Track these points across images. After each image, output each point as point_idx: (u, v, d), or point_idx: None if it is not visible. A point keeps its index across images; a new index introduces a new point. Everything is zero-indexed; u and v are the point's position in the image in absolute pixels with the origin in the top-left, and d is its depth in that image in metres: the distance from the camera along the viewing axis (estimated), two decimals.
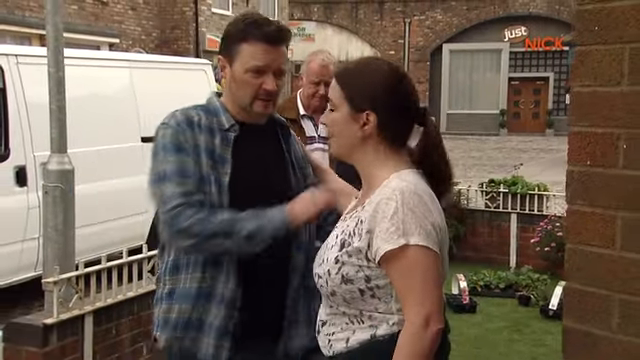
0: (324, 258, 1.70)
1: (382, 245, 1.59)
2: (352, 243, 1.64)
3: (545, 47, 28.08)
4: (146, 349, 4.17)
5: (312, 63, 3.68)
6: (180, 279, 2.07)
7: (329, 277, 1.66)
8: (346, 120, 1.70)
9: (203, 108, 2.12)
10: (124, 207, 6.46)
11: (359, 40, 29.56)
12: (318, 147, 3.71)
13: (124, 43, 18.42)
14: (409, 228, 1.57)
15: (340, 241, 1.68)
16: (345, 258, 1.64)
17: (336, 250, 1.67)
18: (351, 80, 1.72)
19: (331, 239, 1.74)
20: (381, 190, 1.65)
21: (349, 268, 1.63)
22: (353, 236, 1.65)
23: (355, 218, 1.69)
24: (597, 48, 1.56)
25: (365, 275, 1.63)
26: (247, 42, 2.02)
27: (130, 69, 6.83)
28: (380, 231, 1.60)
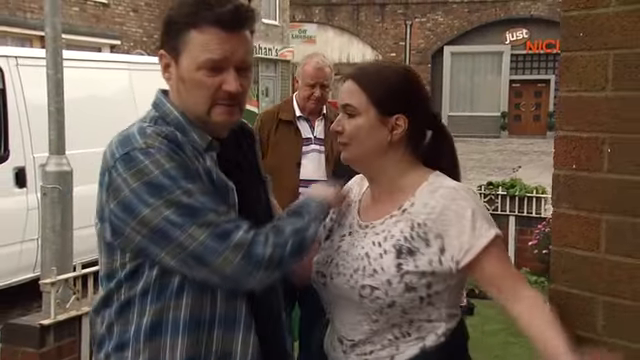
0: (374, 268, 1.58)
1: (476, 242, 1.55)
2: (417, 249, 1.57)
3: (546, 49, 28.09)
4: None
5: (307, 66, 3.72)
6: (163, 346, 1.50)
7: (390, 287, 1.56)
8: (373, 125, 1.63)
9: (164, 122, 1.59)
10: None
11: (360, 42, 29.60)
12: (314, 148, 3.74)
13: (125, 45, 18.48)
14: (490, 219, 1.60)
15: (394, 248, 1.59)
16: (408, 265, 1.57)
17: (392, 258, 1.58)
18: (376, 84, 1.64)
19: (367, 248, 1.62)
20: (435, 191, 1.61)
21: (412, 276, 1.56)
22: (412, 241, 1.58)
23: (401, 223, 1.61)
24: (582, 54, 1.58)
25: (427, 281, 1.57)
26: (196, 29, 1.54)
27: (129, 71, 6.87)
28: (464, 231, 1.56)
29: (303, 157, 3.70)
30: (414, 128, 1.66)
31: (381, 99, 1.62)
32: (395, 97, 1.64)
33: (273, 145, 3.71)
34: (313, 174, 3.70)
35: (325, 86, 3.71)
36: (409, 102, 1.65)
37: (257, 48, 22.67)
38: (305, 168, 3.70)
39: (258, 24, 20.88)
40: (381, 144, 1.64)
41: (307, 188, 3.67)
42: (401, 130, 1.64)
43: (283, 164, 3.68)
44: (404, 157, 1.68)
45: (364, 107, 1.62)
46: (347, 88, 1.66)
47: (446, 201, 1.58)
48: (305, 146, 3.73)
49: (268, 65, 23.75)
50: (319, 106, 3.77)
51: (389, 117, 1.63)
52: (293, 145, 3.71)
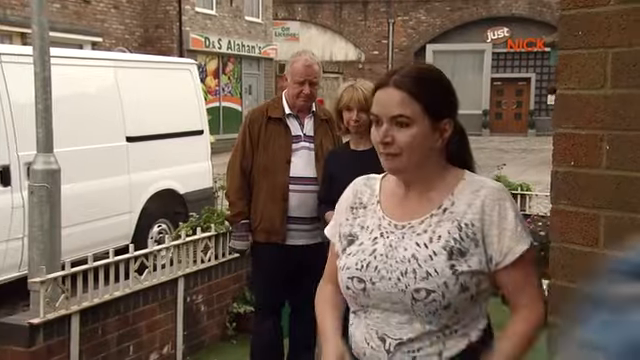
0: (427, 271, 1.56)
1: (516, 246, 1.57)
2: (467, 249, 1.57)
3: (527, 48, 28.29)
4: (132, 349, 4.18)
5: (296, 63, 3.71)
6: None
7: (446, 289, 1.54)
8: (427, 133, 1.60)
9: None
10: (109, 207, 6.44)
11: (343, 40, 29.60)
12: (304, 146, 3.75)
13: (107, 42, 18.31)
14: (526, 226, 1.61)
15: (444, 250, 1.57)
16: (461, 266, 1.56)
17: (444, 260, 1.56)
18: (426, 91, 1.61)
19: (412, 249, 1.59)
20: (474, 191, 1.61)
21: (466, 276, 1.56)
22: (462, 241, 1.58)
23: (446, 223, 1.60)
24: (581, 52, 1.60)
25: (477, 280, 1.58)
26: None
27: (115, 68, 6.80)
28: (504, 233, 1.57)
29: (293, 154, 3.70)
30: (455, 129, 1.67)
31: (434, 106, 1.61)
32: (444, 102, 1.65)
33: (263, 143, 3.71)
34: (303, 171, 3.71)
35: (314, 83, 3.71)
36: (452, 104, 1.67)
37: (240, 46, 22.60)
38: (295, 165, 3.70)
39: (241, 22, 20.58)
40: (432, 150, 1.63)
41: (297, 185, 3.70)
42: (448, 133, 1.64)
43: (273, 162, 3.69)
44: (442, 157, 1.68)
45: (418, 116, 1.59)
46: (396, 98, 1.59)
47: (491, 201, 1.59)
48: (295, 143, 3.73)
49: (251, 63, 23.66)
50: (308, 103, 3.77)
51: (439, 122, 1.62)
52: (283, 143, 3.71)
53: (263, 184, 3.69)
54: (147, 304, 4.26)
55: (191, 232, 4.74)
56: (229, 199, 3.81)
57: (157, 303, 4.34)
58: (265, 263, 3.80)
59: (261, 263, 3.84)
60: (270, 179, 3.68)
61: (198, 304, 4.71)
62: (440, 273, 1.55)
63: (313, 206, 3.68)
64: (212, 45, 21.25)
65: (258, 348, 3.91)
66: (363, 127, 3.44)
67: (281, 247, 3.70)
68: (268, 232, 3.70)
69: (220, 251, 4.84)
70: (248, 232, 3.76)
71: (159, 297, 4.36)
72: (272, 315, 3.84)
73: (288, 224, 3.69)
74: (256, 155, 3.71)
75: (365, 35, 29.49)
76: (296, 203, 3.68)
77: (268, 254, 3.75)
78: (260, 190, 3.70)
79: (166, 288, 4.41)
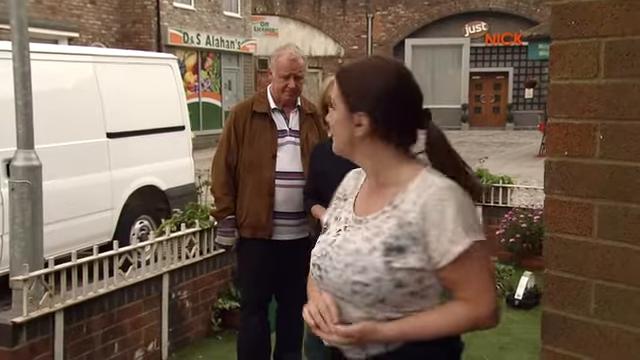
0: (364, 265, 1.61)
1: (452, 247, 1.58)
2: (406, 247, 1.60)
3: (505, 42, 28.49)
4: (117, 346, 4.14)
5: (281, 57, 3.69)
6: None
7: (380, 284, 1.59)
8: (342, 119, 1.69)
9: None
10: (90, 204, 6.37)
11: (322, 35, 29.57)
12: (289, 140, 3.73)
13: (83, 37, 18.10)
14: (471, 225, 1.60)
15: (383, 245, 1.61)
16: (397, 263, 1.59)
17: (380, 255, 1.60)
18: (350, 80, 1.69)
19: (358, 244, 1.65)
20: (421, 188, 1.62)
21: (404, 273, 1.59)
22: (401, 239, 1.60)
23: (392, 219, 1.63)
24: (574, 42, 1.60)
25: (418, 277, 1.61)
26: None
27: (94, 64, 6.72)
28: (442, 233, 1.58)
29: (279, 149, 3.68)
30: (383, 128, 1.66)
31: (348, 95, 1.68)
32: (360, 95, 1.66)
33: (248, 138, 3.69)
34: (289, 166, 3.69)
35: (299, 77, 3.69)
36: (373, 102, 1.66)
37: (219, 41, 22.46)
38: (281, 160, 3.68)
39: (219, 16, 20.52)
40: (351, 138, 1.69)
41: (283, 180, 3.68)
42: (364, 128, 1.66)
43: (259, 157, 3.67)
44: (389, 154, 1.69)
45: (336, 101, 1.71)
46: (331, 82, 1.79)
47: (433, 201, 1.60)
48: (280, 138, 3.71)
49: (230, 58, 23.53)
50: (293, 97, 3.75)
51: (353, 114, 1.67)
52: (268, 137, 3.69)
53: (249, 179, 3.67)
54: (132, 301, 4.22)
55: (175, 228, 4.71)
56: (214, 195, 3.78)
57: (142, 300, 4.31)
58: (251, 258, 3.78)
59: (247, 259, 3.82)
60: (256, 174, 3.66)
61: (183, 300, 4.68)
62: (375, 268, 1.60)
63: (299, 201, 3.67)
64: (191, 40, 21.10)
65: (245, 343, 3.89)
66: None
67: (267, 242, 3.69)
68: (254, 227, 3.68)
69: (205, 247, 4.81)
70: (234, 228, 3.74)
71: (144, 294, 4.32)
72: (259, 310, 3.83)
73: (274, 219, 3.67)
74: (241, 150, 3.69)
75: (344, 30, 29.48)
76: (282, 198, 3.66)
77: (254, 249, 3.73)
78: (246, 185, 3.68)
79: (151, 285, 4.37)
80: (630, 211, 1.54)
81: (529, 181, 10.36)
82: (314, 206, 3.50)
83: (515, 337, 4.96)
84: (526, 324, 5.27)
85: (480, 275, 1.63)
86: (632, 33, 1.51)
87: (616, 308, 1.56)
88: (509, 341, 4.92)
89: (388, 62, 1.75)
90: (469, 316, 1.63)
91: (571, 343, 1.63)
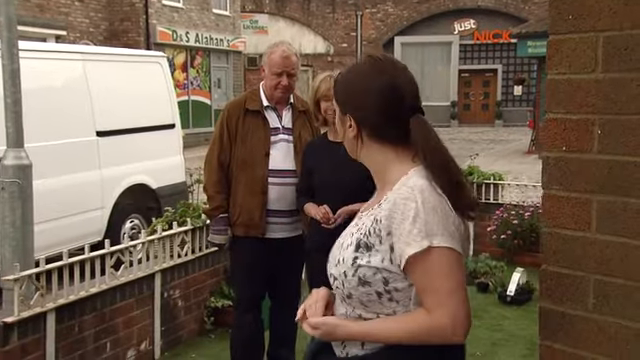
0: (339, 258, 1.65)
1: (405, 249, 1.53)
2: (372, 245, 1.59)
3: (493, 40, 28.58)
4: (109, 345, 4.11)
5: (273, 55, 3.66)
6: None
7: (345, 279, 1.61)
8: (339, 122, 1.76)
9: None
10: (80, 203, 6.32)
11: (312, 33, 29.54)
12: (283, 138, 3.71)
13: (71, 35, 17.99)
14: (432, 229, 1.52)
15: (356, 240, 1.63)
16: (362, 260, 1.59)
17: (352, 250, 1.62)
18: (341, 83, 1.76)
19: (346, 238, 1.69)
20: (399, 187, 1.61)
21: (366, 270, 1.58)
22: (369, 236, 1.60)
23: (371, 216, 1.64)
24: (571, 37, 1.60)
25: (383, 277, 1.57)
26: None
27: (83, 61, 6.67)
28: (402, 234, 1.54)
29: (272, 147, 3.66)
30: (369, 127, 1.68)
31: (339, 98, 1.75)
32: (345, 97, 1.73)
33: (241, 136, 3.66)
34: (282, 164, 3.67)
35: (292, 75, 3.67)
36: (351, 102, 1.71)
37: (208, 39, 22.38)
38: (274, 158, 3.66)
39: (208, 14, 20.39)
40: (348, 139, 1.74)
41: (276, 178, 3.66)
42: (353, 129, 1.70)
43: (251, 155, 3.65)
44: (386, 152, 1.68)
45: (336, 104, 1.77)
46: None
47: (397, 199, 1.57)
48: (273, 136, 3.69)
49: (220, 56, 23.45)
50: (286, 95, 3.73)
51: (345, 115, 1.72)
52: (261, 135, 3.67)
53: (242, 177, 3.65)
54: (124, 300, 4.20)
55: (167, 226, 4.68)
56: (207, 193, 3.76)
57: (134, 299, 4.28)
58: (245, 257, 3.76)
59: (241, 257, 3.80)
60: (249, 172, 3.64)
61: (175, 299, 4.66)
62: (344, 262, 1.63)
63: (292, 199, 3.65)
64: (180, 38, 21.01)
65: (239, 342, 3.88)
66: None
67: (261, 240, 3.67)
68: (247, 226, 3.66)
69: (197, 245, 4.79)
70: (227, 226, 3.72)
71: (136, 293, 4.29)
72: (252, 309, 3.81)
73: (267, 217, 3.65)
74: (234, 148, 3.67)
75: (333, 28, 29.47)
76: (275, 196, 3.65)
77: (248, 248, 3.71)
78: (239, 183, 3.66)
79: (143, 283, 4.34)
80: (629, 206, 1.53)
81: (519, 177, 10.38)
82: (307, 204, 3.48)
83: (507, 333, 4.98)
84: (518, 320, 5.29)
85: (440, 284, 1.53)
86: (630, 27, 1.51)
87: (615, 303, 1.56)
88: (501, 337, 4.93)
89: (375, 62, 1.71)
90: (423, 326, 1.55)
91: (570, 339, 1.63)
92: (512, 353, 4.65)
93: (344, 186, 3.36)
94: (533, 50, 17.95)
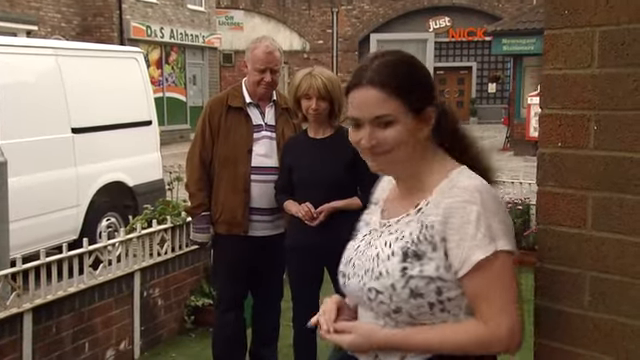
0: (380, 271, 1.49)
1: (473, 254, 1.43)
2: (424, 253, 1.46)
3: (468, 37, 28.78)
4: (88, 346, 4.04)
5: (256, 50, 3.61)
6: None
7: (394, 292, 1.46)
8: (412, 127, 1.50)
9: None
10: (55, 201, 6.20)
11: (287, 29, 29.44)
12: (265, 135, 3.67)
13: (42, 30, 17.68)
14: (496, 232, 1.45)
15: (401, 249, 1.48)
16: (413, 270, 1.46)
17: (398, 261, 1.48)
18: (402, 84, 1.50)
19: (379, 248, 1.53)
20: (449, 190, 1.49)
21: (418, 280, 1.45)
22: (420, 244, 1.47)
23: (413, 223, 1.51)
24: (567, 31, 1.58)
25: (436, 287, 1.46)
26: None
27: (56, 57, 6.54)
28: (463, 238, 1.43)
29: (254, 144, 3.62)
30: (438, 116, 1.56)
31: (414, 99, 1.50)
32: (423, 90, 1.54)
33: (223, 133, 3.61)
34: (265, 161, 3.63)
35: (275, 71, 3.63)
36: (431, 89, 1.57)
37: (183, 35, 22.17)
38: (256, 155, 3.62)
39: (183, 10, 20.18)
40: (419, 143, 1.53)
41: (258, 175, 3.61)
42: (433, 120, 1.54)
43: (234, 152, 3.60)
44: (428, 151, 1.57)
45: (400, 112, 1.49)
46: (374, 97, 1.47)
47: (456, 203, 1.46)
48: (256, 133, 3.64)
49: (195, 52, 23.24)
50: (269, 91, 3.68)
51: (423, 113, 1.52)
52: (244, 132, 3.62)
53: (224, 175, 3.60)
54: (102, 299, 4.12)
55: (146, 225, 4.61)
56: (189, 191, 3.70)
57: (113, 298, 4.21)
58: (227, 255, 3.71)
59: (223, 255, 3.75)
60: (231, 170, 3.59)
61: (155, 298, 4.59)
62: (390, 274, 1.47)
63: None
64: (154, 34, 20.79)
65: (220, 341, 3.83)
66: (322, 115, 3.40)
67: (243, 239, 3.62)
68: (229, 224, 3.61)
69: (177, 243, 4.72)
70: (209, 224, 3.66)
71: (115, 292, 4.22)
72: (235, 307, 3.77)
73: (250, 215, 3.61)
74: (216, 145, 3.61)
75: (309, 24, 29.41)
76: (258, 194, 3.60)
77: (230, 246, 3.66)
78: (221, 181, 3.61)
79: (122, 283, 4.27)
80: (625, 202, 1.52)
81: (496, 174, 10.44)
82: (287, 201, 3.45)
83: None
84: None
85: (501, 292, 1.46)
86: (627, 22, 1.50)
87: (611, 300, 1.55)
88: None
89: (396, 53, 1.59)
90: (479, 338, 1.47)
91: (566, 336, 1.62)
92: None
93: (324, 183, 3.34)
94: (508, 48, 18.10)
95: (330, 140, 3.44)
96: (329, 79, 3.40)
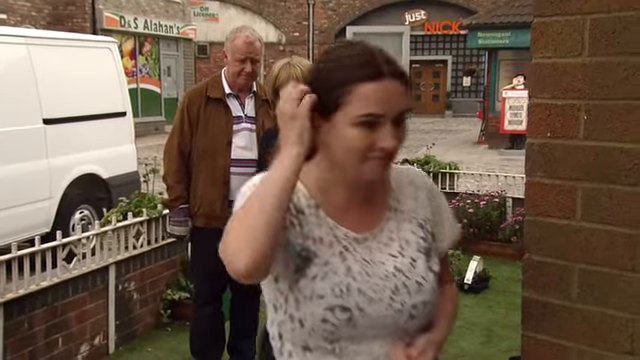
0: (417, 281, 1.37)
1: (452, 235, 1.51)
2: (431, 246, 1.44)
3: (443, 31, 28.87)
4: (61, 341, 3.95)
5: (237, 40, 3.55)
6: None
7: (434, 294, 1.40)
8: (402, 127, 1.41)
9: None
10: (26, 193, 6.06)
11: (263, 21, 29.23)
12: (245, 127, 3.61)
13: (12, 19, 17.29)
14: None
15: (420, 252, 1.41)
16: (435, 266, 1.43)
17: (423, 263, 1.40)
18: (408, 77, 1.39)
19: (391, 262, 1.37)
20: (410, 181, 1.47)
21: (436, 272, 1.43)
22: (427, 240, 1.43)
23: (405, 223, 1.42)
24: (557, 19, 1.56)
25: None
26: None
27: (27, 46, 6.38)
28: (447, 221, 1.49)
29: (234, 136, 3.56)
30: None
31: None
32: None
33: (202, 124, 3.54)
34: (244, 153, 3.57)
35: (256, 61, 3.57)
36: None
37: (157, 25, 21.89)
38: (236, 147, 3.56)
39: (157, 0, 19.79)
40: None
41: (238, 168, 3.55)
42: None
43: (213, 143, 3.53)
44: None
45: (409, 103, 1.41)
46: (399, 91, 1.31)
47: (429, 191, 1.49)
48: (236, 124, 3.58)
49: (169, 43, 22.96)
50: (250, 82, 3.62)
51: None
52: (223, 124, 3.55)
53: (202, 167, 3.53)
54: (76, 294, 4.04)
55: (122, 217, 4.52)
56: (167, 183, 3.62)
57: (87, 292, 4.12)
58: (205, 249, 3.62)
59: (201, 249, 3.69)
60: (210, 162, 3.52)
61: (130, 292, 4.51)
62: (427, 279, 1.38)
63: None
64: (128, 24, 20.48)
65: (198, 335, 3.77)
66: None
67: (222, 232, 3.54)
68: (208, 217, 3.55)
69: (153, 236, 4.64)
70: (187, 217, 3.60)
71: (89, 286, 4.14)
72: (213, 301, 3.71)
73: (229, 208, 3.54)
74: (195, 137, 3.54)
75: (285, 16, 29.24)
76: (237, 186, 3.51)
77: (208, 239, 3.57)
78: (199, 173, 3.54)
79: (96, 276, 4.19)
80: (614, 193, 1.51)
81: (471, 167, 10.54)
82: None
83: (466, 321, 5.00)
84: (475, 308, 5.33)
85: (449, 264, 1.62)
86: (618, 10, 1.47)
87: (599, 292, 1.54)
88: (461, 325, 4.95)
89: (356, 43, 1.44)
90: (454, 298, 1.57)
91: (553, 329, 1.60)
92: (472, 341, 4.68)
93: None
94: (483, 41, 18.19)
95: None
96: (308, 68, 3.34)
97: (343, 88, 1.28)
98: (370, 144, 1.29)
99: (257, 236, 1.21)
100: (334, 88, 1.29)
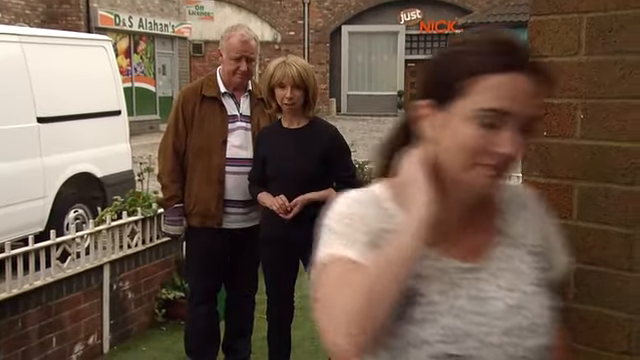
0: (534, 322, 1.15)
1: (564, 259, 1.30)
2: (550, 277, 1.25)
3: (439, 30, 28.86)
4: (55, 341, 3.93)
5: (232, 39, 3.54)
6: None
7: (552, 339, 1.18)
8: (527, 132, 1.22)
9: None
10: (20, 192, 6.04)
11: (258, 20, 29.19)
12: (240, 126, 3.61)
13: (5, 18, 17.23)
14: None
15: (539, 287, 1.19)
16: (554, 301, 1.21)
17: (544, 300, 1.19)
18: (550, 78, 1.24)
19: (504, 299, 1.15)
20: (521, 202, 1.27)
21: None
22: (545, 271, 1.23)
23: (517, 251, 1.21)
24: (554, 18, 1.55)
25: None
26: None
27: (21, 44, 6.35)
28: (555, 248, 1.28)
29: (229, 135, 3.55)
30: None
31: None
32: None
33: (197, 123, 3.53)
34: (239, 152, 3.57)
35: (251, 59, 3.57)
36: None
37: (152, 24, 21.83)
38: (231, 146, 3.55)
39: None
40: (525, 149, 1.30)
41: (233, 167, 3.54)
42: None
43: (208, 142, 3.53)
44: None
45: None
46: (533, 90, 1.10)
47: (543, 215, 1.28)
48: (231, 123, 3.57)
49: (164, 42, 22.90)
50: (245, 81, 3.62)
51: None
52: (218, 122, 3.55)
53: (197, 166, 3.52)
54: (71, 293, 4.02)
55: (116, 216, 4.50)
56: (162, 182, 3.62)
57: (81, 292, 4.11)
58: (200, 248, 3.64)
59: (196, 248, 3.68)
60: (205, 160, 3.51)
61: (125, 291, 4.49)
62: (544, 318, 1.17)
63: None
64: (122, 23, 20.41)
65: (193, 334, 3.77)
66: (297, 105, 3.33)
67: (217, 231, 3.56)
68: (203, 216, 3.54)
69: (147, 235, 4.63)
70: (182, 216, 3.59)
71: (83, 285, 4.12)
72: (208, 301, 3.71)
73: (224, 207, 3.54)
74: (190, 136, 3.53)
75: (281, 15, 29.20)
76: (232, 185, 3.54)
77: (203, 239, 3.59)
78: (194, 172, 3.53)
79: (91, 275, 4.17)
80: (611, 192, 1.50)
81: None
82: (261, 193, 3.39)
83: None
84: None
85: None
86: (615, 8, 1.47)
87: (596, 292, 1.53)
88: None
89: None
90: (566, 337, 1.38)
91: None
92: None
93: (298, 174, 3.28)
94: None
95: (304, 130, 3.39)
96: (303, 67, 3.34)
97: (471, 75, 1.08)
98: (485, 146, 1.08)
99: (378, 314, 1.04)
100: (461, 74, 1.09)
